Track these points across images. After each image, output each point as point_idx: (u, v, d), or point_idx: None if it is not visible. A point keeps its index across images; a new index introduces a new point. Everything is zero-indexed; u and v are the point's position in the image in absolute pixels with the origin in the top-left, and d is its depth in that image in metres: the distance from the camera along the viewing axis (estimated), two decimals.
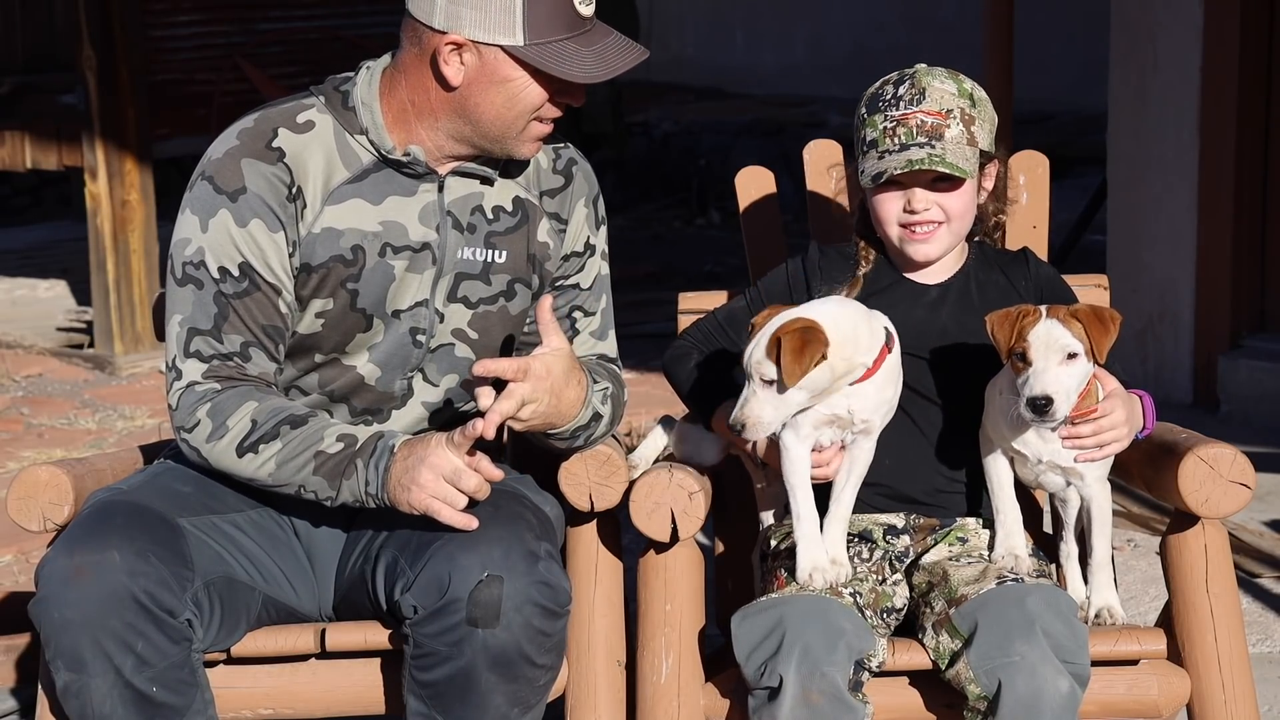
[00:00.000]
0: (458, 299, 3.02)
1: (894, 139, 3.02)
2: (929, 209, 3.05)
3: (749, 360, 2.88)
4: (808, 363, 2.84)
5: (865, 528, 3.10)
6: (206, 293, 2.90)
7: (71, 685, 2.79)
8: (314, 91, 3.00)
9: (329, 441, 2.87)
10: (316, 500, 2.89)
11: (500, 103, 2.90)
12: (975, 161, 3.03)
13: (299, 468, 2.86)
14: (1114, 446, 2.98)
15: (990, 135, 3.07)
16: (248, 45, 7.98)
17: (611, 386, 3.09)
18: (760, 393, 2.87)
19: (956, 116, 3.02)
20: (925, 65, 3.09)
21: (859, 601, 2.98)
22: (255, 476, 2.89)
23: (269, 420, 2.87)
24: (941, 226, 3.06)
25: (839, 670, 2.81)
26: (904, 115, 3.02)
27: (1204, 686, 2.97)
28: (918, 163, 2.99)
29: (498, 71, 2.88)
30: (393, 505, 2.85)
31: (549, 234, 3.08)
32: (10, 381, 7.18)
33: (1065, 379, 2.87)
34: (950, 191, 3.04)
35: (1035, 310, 2.90)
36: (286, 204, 2.91)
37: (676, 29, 12.64)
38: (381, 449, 2.86)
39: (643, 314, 7.55)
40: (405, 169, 2.97)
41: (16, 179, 11.14)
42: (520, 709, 2.87)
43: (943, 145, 3.00)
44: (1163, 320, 6.26)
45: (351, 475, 2.85)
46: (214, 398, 2.88)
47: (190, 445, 2.91)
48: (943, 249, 3.09)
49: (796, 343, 2.83)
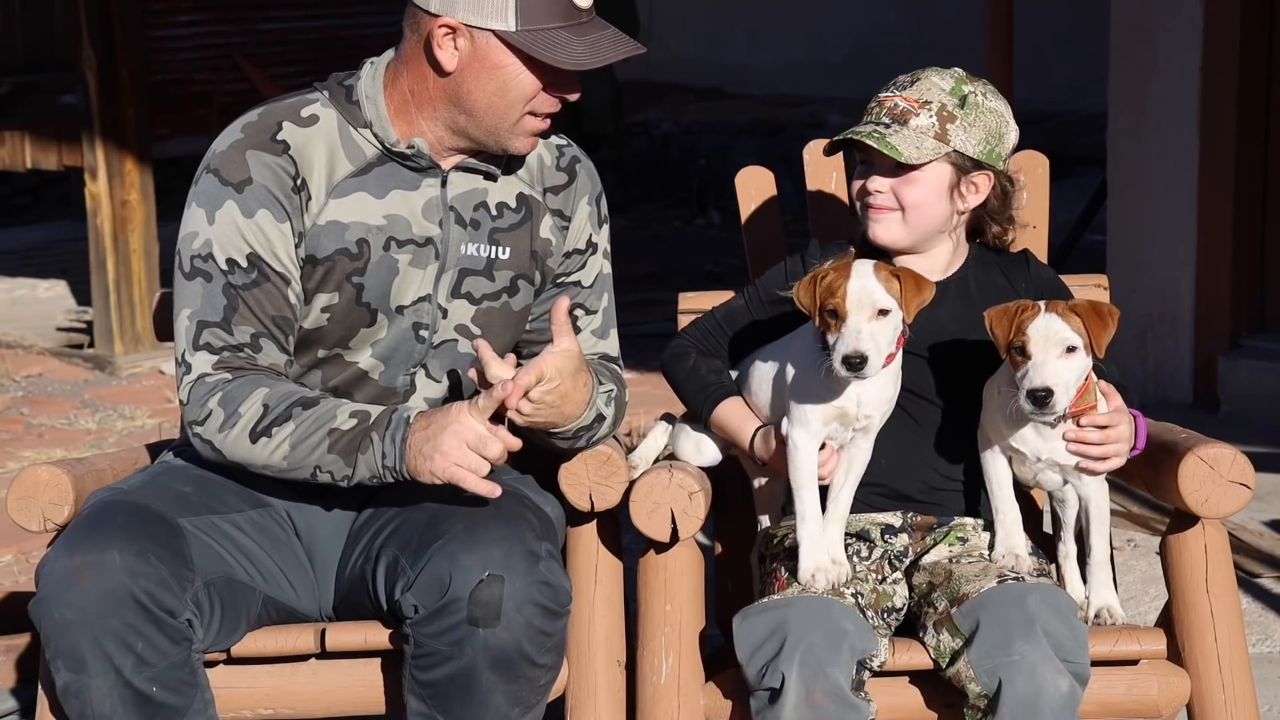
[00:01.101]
0: (461, 294, 3.02)
1: (867, 115, 3.08)
2: (883, 193, 3.06)
3: (854, 294, 2.87)
4: (928, 294, 2.91)
5: (863, 527, 3.10)
6: (215, 285, 2.90)
7: (71, 685, 2.79)
8: (318, 87, 3.02)
9: (342, 419, 2.86)
10: (333, 481, 2.88)
11: (492, 90, 2.91)
12: (933, 155, 3.03)
13: (313, 447, 2.86)
14: (1114, 461, 3.00)
15: (982, 145, 3.06)
16: (248, 45, 7.98)
17: (615, 388, 3.09)
18: (874, 322, 2.88)
19: (933, 109, 3.03)
20: (960, 70, 3.11)
21: (860, 602, 2.98)
22: (270, 462, 2.88)
23: (280, 404, 2.86)
24: (895, 214, 3.07)
25: (842, 671, 2.81)
26: (885, 97, 3.09)
27: (1204, 686, 2.97)
28: (860, 134, 3.04)
29: (489, 57, 2.89)
30: (413, 478, 2.84)
31: (552, 231, 3.09)
32: (10, 381, 7.18)
33: (1064, 372, 2.88)
34: (904, 180, 3.05)
35: (1034, 305, 2.91)
36: (292, 195, 2.92)
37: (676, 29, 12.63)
38: (397, 421, 2.85)
39: (643, 314, 7.55)
40: (408, 162, 2.97)
41: (16, 179, 11.13)
42: (521, 709, 2.87)
43: (900, 130, 3.02)
44: (1163, 320, 6.26)
45: (368, 450, 2.84)
46: (224, 387, 2.88)
47: (203, 439, 2.90)
48: (893, 236, 3.09)
49: (915, 274, 2.91)
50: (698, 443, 3.18)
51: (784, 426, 3.01)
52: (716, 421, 3.14)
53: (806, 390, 2.98)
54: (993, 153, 3.08)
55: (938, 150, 3.03)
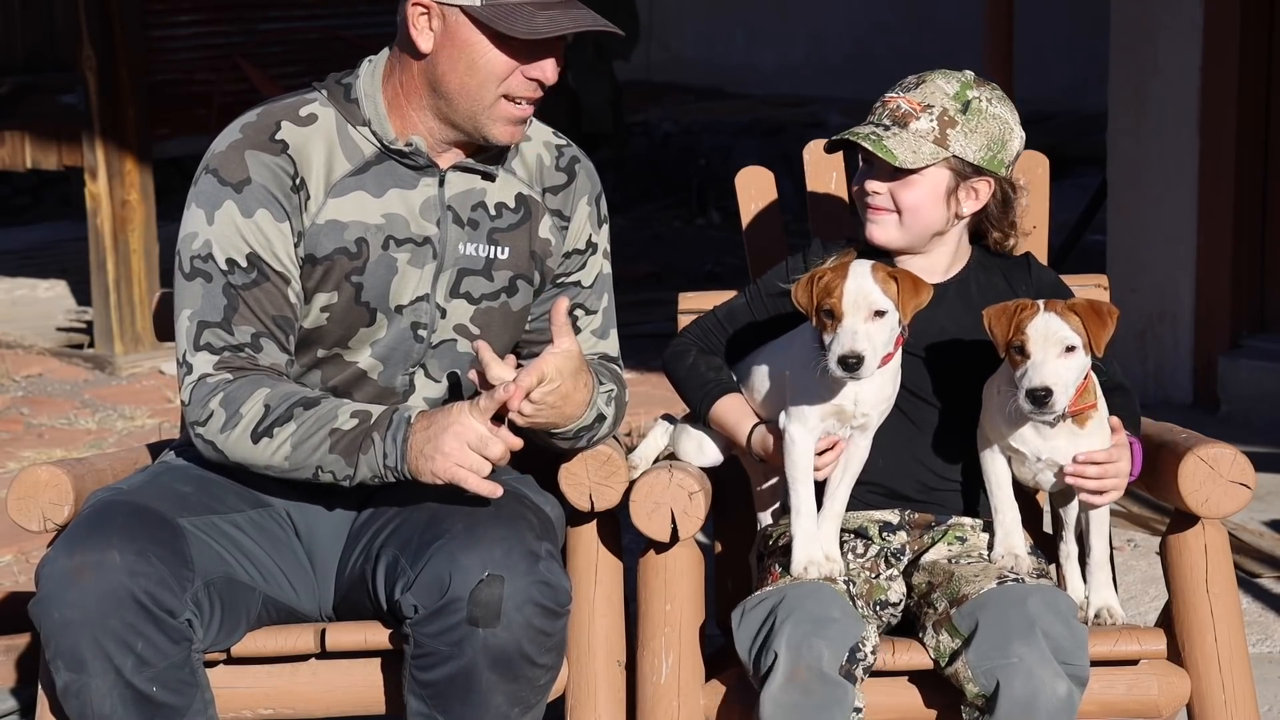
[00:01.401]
0: (460, 294, 3.02)
1: (870, 115, 3.08)
2: (880, 194, 3.07)
3: (851, 294, 2.87)
4: (925, 295, 2.91)
5: (861, 525, 3.10)
6: (215, 285, 2.90)
7: (71, 685, 2.79)
8: (316, 86, 3.02)
9: (343, 419, 2.86)
10: (334, 482, 2.88)
11: (463, 69, 2.91)
12: (930, 160, 3.03)
13: (314, 447, 2.86)
14: (1112, 495, 3.01)
15: (983, 151, 3.05)
16: (248, 45, 7.98)
17: (615, 388, 3.09)
18: (871, 323, 2.88)
19: (934, 113, 3.03)
20: (970, 73, 3.10)
21: (851, 590, 2.98)
22: (272, 462, 2.88)
23: (282, 404, 2.87)
24: (891, 215, 3.08)
25: (829, 649, 2.81)
26: (890, 98, 3.08)
27: (1204, 686, 2.97)
28: (856, 135, 3.04)
29: (459, 34, 2.89)
30: (414, 477, 2.84)
31: (551, 231, 3.09)
32: (10, 381, 7.18)
33: (1064, 371, 2.88)
34: (901, 183, 3.05)
35: (1033, 304, 2.92)
36: (291, 194, 2.92)
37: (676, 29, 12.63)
38: (398, 421, 2.85)
39: (643, 314, 7.55)
40: (406, 160, 2.97)
41: (16, 179, 11.13)
42: (521, 709, 2.87)
43: (898, 133, 3.02)
44: (1163, 320, 6.26)
45: (369, 450, 2.84)
46: (225, 388, 2.88)
47: (205, 439, 2.90)
48: (889, 238, 3.10)
49: (912, 276, 2.91)
50: (699, 442, 3.18)
51: (782, 420, 3.01)
52: (715, 418, 3.14)
53: (805, 388, 2.98)
54: (995, 159, 3.07)
55: (935, 155, 3.03)
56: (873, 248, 3.10)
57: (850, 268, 2.90)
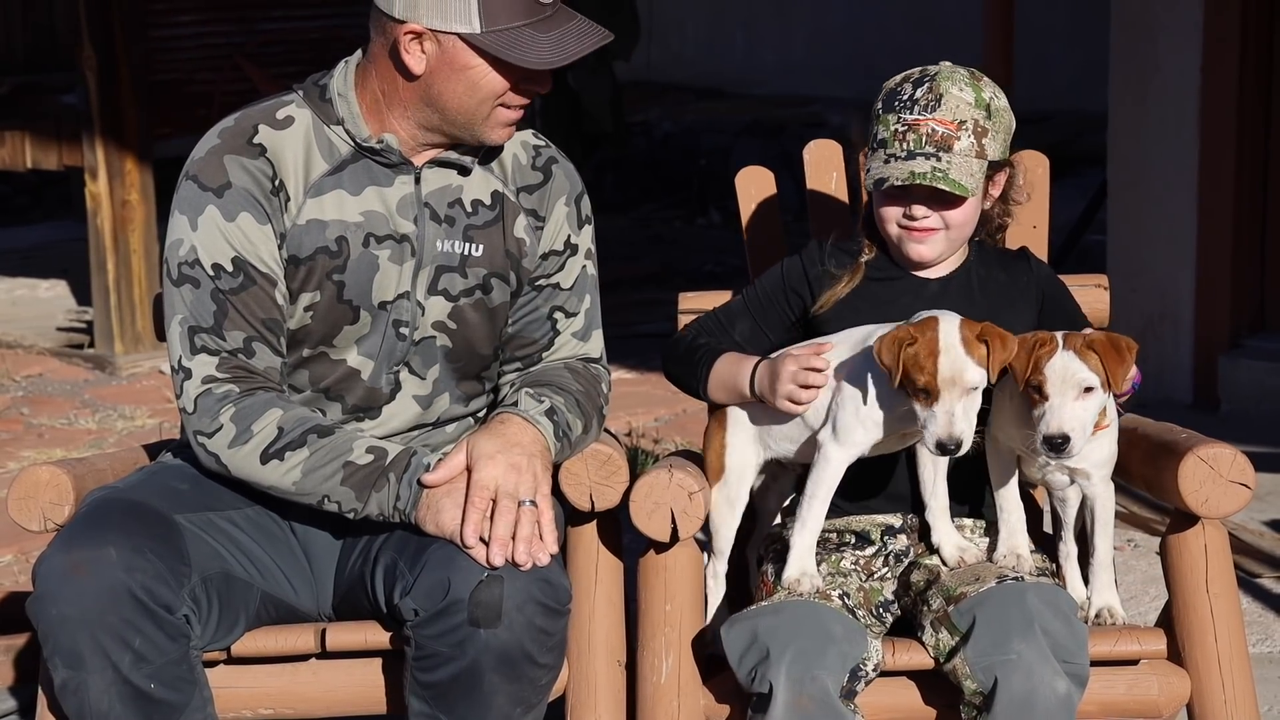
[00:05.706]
0: (438, 291, 3.02)
1: (903, 144, 3.00)
2: (928, 217, 3.05)
3: (945, 370, 2.82)
4: (1011, 351, 2.87)
5: (863, 528, 3.10)
6: (204, 291, 2.91)
7: (69, 682, 2.79)
8: (294, 89, 3.03)
9: (358, 453, 2.87)
10: (339, 512, 2.89)
11: (462, 91, 2.91)
12: (981, 175, 3.02)
13: (326, 477, 2.86)
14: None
15: (1003, 145, 3.06)
16: (248, 45, 7.98)
17: (584, 388, 3.06)
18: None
19: (969, 128, 3.01)
20: (950, 66, 3.07)
21: (848, 602, 2.98)
22: (278, 485, 2.88)
23: (296, 428, 2.87)
24: (940, 231, 3.06)
25: (830, 675, 2.81)
26: (916, 121, 3.01)
27: (1204, 686, 2.97)
28: (920, 176, 2.98)
29: (457, 59, 2.89)
30: (417, 524, 2.85)
31: (526, 230, 3.08)
32: (10, 381, 7.18)
33: (1081, 413, 2.87)
34: (951, 204, 3.04)
35: (1052, 340, 2.89)
36: (271, 197, 2.93)
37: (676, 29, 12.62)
38: (415, 465, 2.86)
39: (643, 314, 7.55)
40: (379, 158, 2.97)
41: (17, 179, 11.12)
42: (522, 709, 2.87)
43: (949, 159, 2.98)
44: (1163, 320, 6.26)
45: (383, 488, 2.85)
46: (236, 401, 2.88)
47: (209, 451, 2.90)
48: (938, 253, 3.09)
49: (999, 333, 2.86)
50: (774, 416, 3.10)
51: (823, 435, 3.00)
52: (716, 378, 3.12)
53: (865, 415, 2.96)
54: (1007, 148, 3.09)
55: (982, 169, 3.03)
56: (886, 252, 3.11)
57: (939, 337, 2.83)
